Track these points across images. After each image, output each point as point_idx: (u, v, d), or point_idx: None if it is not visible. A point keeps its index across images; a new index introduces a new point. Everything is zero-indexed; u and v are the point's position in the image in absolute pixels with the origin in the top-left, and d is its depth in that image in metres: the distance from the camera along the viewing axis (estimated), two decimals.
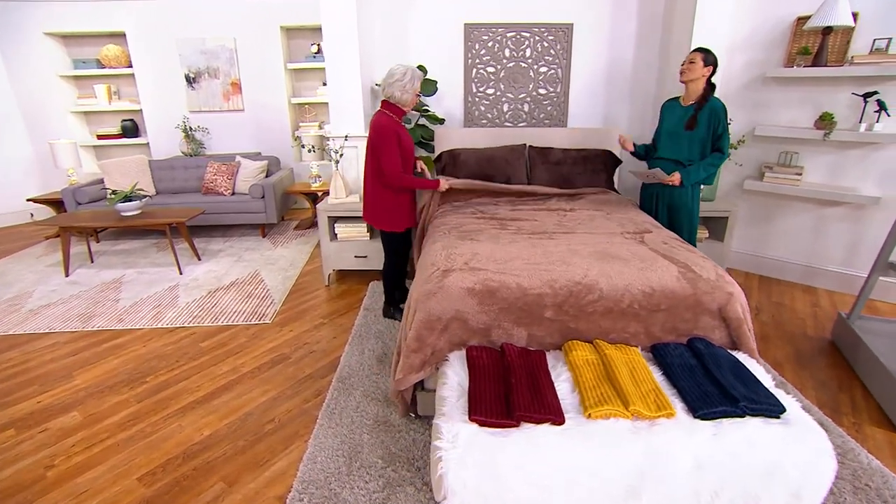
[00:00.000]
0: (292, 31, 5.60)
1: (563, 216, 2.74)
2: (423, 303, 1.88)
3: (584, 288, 1.86)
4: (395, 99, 2.57)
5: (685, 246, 2.26)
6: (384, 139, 2.51)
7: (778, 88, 3.44)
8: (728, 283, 1.91)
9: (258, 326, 3.15)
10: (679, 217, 2.92)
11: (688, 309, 1.87)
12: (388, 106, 2.61)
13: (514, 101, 4.12)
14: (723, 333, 1.91)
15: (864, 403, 2.35)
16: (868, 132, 3.10)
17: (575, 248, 2.18)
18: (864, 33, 3.09)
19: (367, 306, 3.35)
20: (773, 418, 1.51)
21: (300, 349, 2.88)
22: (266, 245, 4.76)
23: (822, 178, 3.44)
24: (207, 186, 4.97)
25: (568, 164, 3.51)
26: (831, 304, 3.36)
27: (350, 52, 3.58)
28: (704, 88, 2.80)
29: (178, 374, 2.61)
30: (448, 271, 1.96)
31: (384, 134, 2.51)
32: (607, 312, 1.87)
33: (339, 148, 3.68)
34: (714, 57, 2.74)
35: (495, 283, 1.88)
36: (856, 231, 3.41)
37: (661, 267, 1.97)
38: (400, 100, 2.57)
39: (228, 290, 3.69)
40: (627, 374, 1.66)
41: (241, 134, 5.74)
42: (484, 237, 2.37)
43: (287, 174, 5.35)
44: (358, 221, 3.65)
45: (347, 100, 3.68)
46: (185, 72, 5.45)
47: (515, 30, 3.92)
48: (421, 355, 1.88)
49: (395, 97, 2.57)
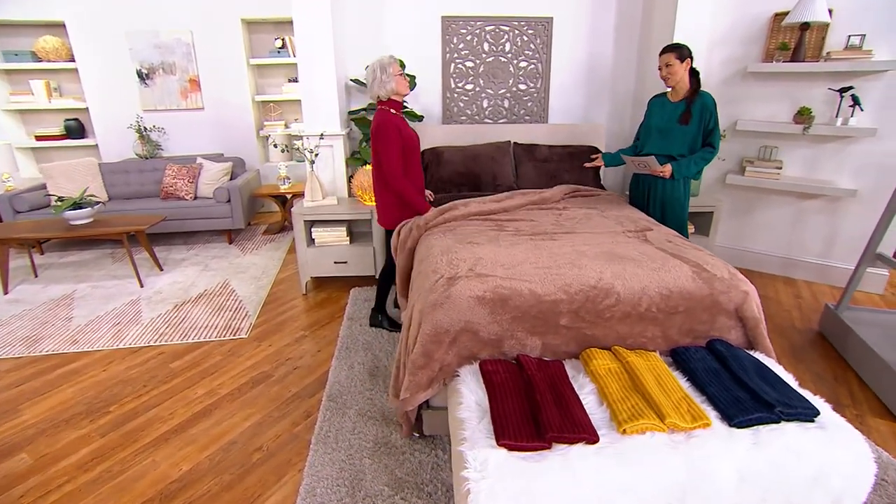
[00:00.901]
0: (254, 24, 5.29)
1: (559, 215, 2.64)
2: (429, 314, 1.72)
3: (600, 292, 1.76)
4: (384, 95, 2.50)
5: (689, 244, 2.21)
6: (383, 134, 2.42)
7: (756, 83, 3.48)
8: (742, 281, 1.86)
9: (234, 342, 2.90)
10: (672, 212, 2.89)
11: (705, 310, 1.80)
12: (384, 103, 2.53)
13: (493, 96, 4.01)
14: (739, 333, 1.85)
15: (862, 395, 2.37)
16: (844, 126, 3.17)
17: (580, 248, 2.08)
18: (838, 29, 3.15)
19: (350, 315, 3.15)
20: (808, 422, 1.45)
21: (283, 365, 2.66)
22: (234, 252, 4.46)
23: (800, 172, 3.51)
24: (167, 191, 4.62)
25: (554, 161, 3.43)
26: (812, 295, 3.43)
27: (323, 46, 3.36)
28: (690, 81, 2.77)
29: (147, 400, 2.35)
30: (453, 279, 1.82)
31: (383, 129, 2.42)
32: (625, 317, 1.77)
33: (314, 147, 3.46)
34: (686, 49, 2.70)
35: (507, 290, 1.75)
36: (832, 223, 3.49)
37: (673, 267, 1.89)
38: (388, 93, 2.49)
39: (197, 303, 3.40)
40: (654, 382, 1.57)
41: (202, 134, 5.38)
42: (483, 239, 2.24)
43: (253, 176, 5.05)
44: (336, 225, 3.44)
45: (321, 96, 3.46)
46: (136, 67, 5.05)
47: (494, 23, 3.80)
48: (429, 372, 1.72)
49: (381, 95, 2.50)
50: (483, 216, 2.63)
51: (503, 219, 2.59)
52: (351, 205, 3.47)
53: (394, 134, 2.41)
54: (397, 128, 2.44)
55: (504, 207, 2.72)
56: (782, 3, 3.25)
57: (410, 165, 2.60)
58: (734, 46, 3.49)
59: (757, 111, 3.54)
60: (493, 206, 2.69)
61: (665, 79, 2.75)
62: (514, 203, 2.77)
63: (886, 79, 3.09)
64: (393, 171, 2.45)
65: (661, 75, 2.76)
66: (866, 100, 3.14)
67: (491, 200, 2.80)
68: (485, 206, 2.70)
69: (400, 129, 2.46)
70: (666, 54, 2.71)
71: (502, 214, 2.68)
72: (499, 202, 2.78)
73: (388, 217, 2.72)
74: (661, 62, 2.73)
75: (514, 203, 2.77)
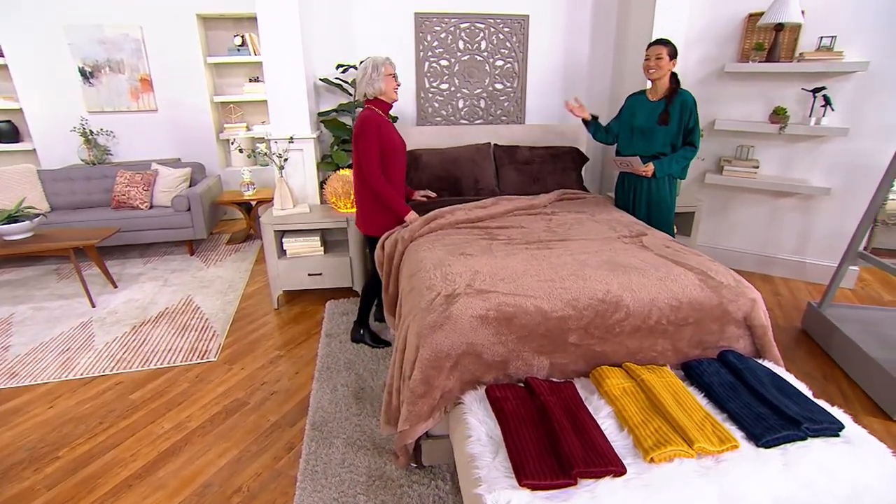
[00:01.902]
0: (211, 20, 4.96)
1: (549, 220, 2.54)
2: (427, 337, 1.57)
3: (609, 306, 1.65)
4: (370, 94, 2.41)
5: (687, 248, 2.15)
6: (363, 131, 2.34)
7: (733, 83, 3.50)
8: (748, 288, 1.80)
9: (202, 366, 2.66)
10: (659, 212, 2.85)
11: (714, 320, 1.73)
12: (370, 102, 2.45)
13: (469, 96, 3.88)
14: (747, 342, 1.80)
15: (852, 393, 2.39)
16: (818, 126, 3.22)
17: (580, 257, 1.98)
18: (810, 30, 3.19)
19: (328, 332, 2.95)
20: (834, 437, 1.40)
21: (258, 391, 2.45)
22: (196, 264, 4.15)
23: (775, 171, 3.55)
24: (118, 199, 4.25)
25: (536, 163, 3.33)
26: (790, 292, 3.48)
27: (291, 44, 3.14)
28: (671, 81, 2.74)
29: (105, 440, 2.09)
30: (452, 296, 1.67)
31: (363, 126, 2.34)
32: (635, 331, 1.68)
33: (283, 152, 3.23)
34: (675, 48, 2.68)
35: (511, 307, 1.62)
36: (805, 220, 3.55)
37: (679, 275, 1.81)
38: (375, 92, 2.40)
39: (158, 323, 3.11)
40: (673, 401, 1.48)
41: (156, 138, 5.01)
42: (475, 250, 2.10)
43: (214, 182, 4.73)
44: (309, 235, 3.23)
45: (289, 97, 3.24)
46: (78, 64, 4.63)
47: (469, 20, 3.67)
48: (429, 400, 1.57)
49: (368, 93, 2.41)
50: (471, 223, 2.49)
51: (492, 226, 2.46)
52: (324, 212, 3.26)
53: (373, 130, 2.33)
54: (377, 125, 2.35)
55: (491, 214, 2.59)
56: (756, 3, 3.27)
57: (392, 170, 2.47)
58: (710, 46, 3.50)
59: (733, 110, 3.56)
60: (480, 213, 2.57)
61: (651, 70, 2.68)
62: (500, 210, 2.66)
63: (855, 79, 3.16)
64: (371, 169, 2.37)
65: (648, 65, 2.68)
66: (837, 100, 3.20)
67: (477, 207, 2.68)
68: (472, 213, 2.57)
69: (381, 127, 2.37)
70: (658, 46, 2.65)
71: (490, 221, 2.55)
72: (485, 208, 2.66)
73: (368, 220, 2.57)
74: (651, 53, 2.66)
75: (500, 210, 2.66)
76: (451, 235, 2.30)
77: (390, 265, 2.35)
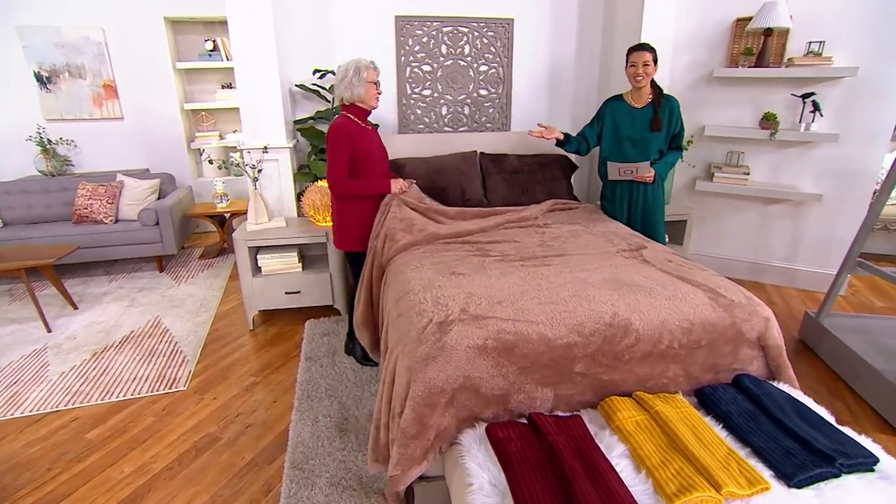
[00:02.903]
0: (181, 24, 4.72)
1: (542, 234, 2.40)
2: (419, 371, 1.41)
3: (618, 330, 1.52)
4: (348, 99, 2.27)
5: (689, 261, 2.04)
6: (331, 140, 2.20)
7: (721, 88, 3.44)
8: (760, 305, 1.69)
9: (170, 397, 2.43)
10: (654, 218, 2.81)
11: (728, 342, 1.61)
12: (347, 108, 2.30)
13: (453, 103, 3.74)
14: (760, 364, 1.68)
15: (859, 409, 2.30)
16: (808, 132, 3.17)
17: (580, 275, 1.84)
18: (798, 35, 3.15)
19: (308, 354, 2.76)
20: (869, 472, 1.28)
21: (232, 424, 2.24)
22: (166, 282, 3.90)
23: (766, 177, 3.50)
24: (80, 213, 3.97)
25: (525, 172, 3.20)
26: (783, 300, 3.42)
27: (265, 49, 2.96)
28: (652, 86, 2.69)
29: (54, 490, 1.85)
30: (446, 324, 1.51)
31: (332, 135, 2.20)
32: (645, 357, 1.54)
33: (257, 163, 3.03)
34: (657, 53, 2.61)
35: (511, 335, 1.46)
36: (796, 227, 3.50)
37: (687, 294, 1.69)
38: (353, 97, 2.26)
39: (122, 349, 2.87)
40: (692, 436, 1.34)
41: (122, 147, 4.73)
42: (468, 268, 1.94)
43: (185, 194, 4.48)
44: (286, 250, 3.03)
45: (263, 105, 3.05)
46: (34, 69, 4.34)
47: (452, 24, 3.54)
48: (423, 441, 1.41)
49: (346, 97, 2.27)
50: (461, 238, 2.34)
51: (483, 241, 2.31)
52: (302, 226, 3.07)
53: (343, 140, 2.18)
54: (349, 134, 2.21)
55: (482, 227, 2.45)
56: (744, 8, 3.22)
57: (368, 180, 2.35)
58: (698, 50, 3.43)
59: (722, 116, 3.50)
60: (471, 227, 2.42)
61: (639, 77, 2.60)
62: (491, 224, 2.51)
63: (844, 85, 3.13)
64: (334, 177, 2.22)
65: (636, 72, 2.59)
66: (826, 105, 3.16)
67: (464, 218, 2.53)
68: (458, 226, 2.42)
69: (353, 137, 2.22)
70: (644, 52, 2.56)
71: (480, 235, 2.40)
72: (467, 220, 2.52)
73: (343, 235, 2.42)
74: (638, 60, 2.57)
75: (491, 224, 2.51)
76: (441, 252, 2.14)
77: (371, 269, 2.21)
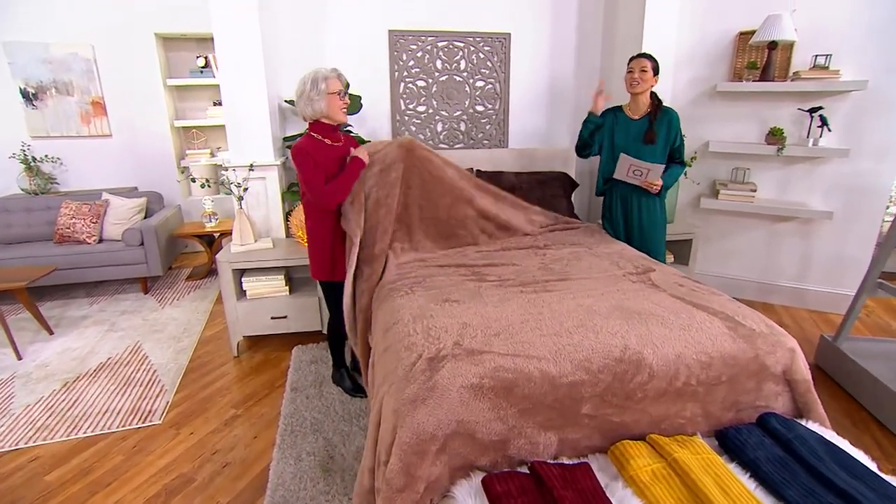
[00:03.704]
0: (172, 40, 4.64)
1: (543, 255, 2.26)
2: (407, 416, 1.25)
3: (629, 366, 1.36)
4: (310, 115, 2.08)
5: (702, 286, 1.89)
6: (296, 165, 2.04)
7: (724, 103, 3.33)
8: (783, 335, 1.54)
9: (142, 432, 2.26)
10: (654, 238, 2.69)
11: (751, 377, 1.45)
12: (313, 126, 2.12)
13: (449, 119, 3.64)
14: (786, 400, 1.52)
15: (888, 443, 2.13)
16: (816, 147, 3.06)
17: (585, 302, 1.69)
18: (803, 49, 3.06)
19: (293, 384, 2.58)
20: None
21: (208, 463, 2.06)
22: (150, 304, 3.73)
23: (773, 194, 3.38)
24: (62, 233, 3.83)
25: (523, 189, 3.07)
26: (795, 322, 3.26)
27: (252, 64, 2.87)
28: (651, 98, 2.60)
29: None
30: (437, 360, 1.35)
31: (295, 159, 2.04)
32: (660, 396, 1.38)
33: (243, 181, 2.90)
34: (658, 64, 2.55)
35: (510, 373, 1.31)
36: (806, 245, 3.37)
37: (703, 323, 1.54)
38: (315, 113, 2.06)
39: (96, 378, 2.70)
40: (717, 489, 1.18)
41: (110, 165, 4.61)
42: (462, 295, 1.79)
43: (173, 213, 4.34)
44: (272, 273, 2.88)
45: (250, 121, 2.93)
46: (20, 85, 4.24)
47: (447, 38, 3.45)
48: (411, 494, 1.24)
49: (308, 114, 2.08)
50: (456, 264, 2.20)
51: (479, 263, 2.16)
52: (290, 247, 2.93)
53: (307, 162, 2.00)
54: (307, 153, 2.01)
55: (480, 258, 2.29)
56: (747, 21, 3.13)
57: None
58: (700, 65, 3.34)
59: (725, 132, 3.39)
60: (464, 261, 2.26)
61: (634, 83, 2.52)
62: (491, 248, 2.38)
63: (852, 99, 3.02)
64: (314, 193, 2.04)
65: (632, 77, 2.52)
66: (834, 120, 3.05)
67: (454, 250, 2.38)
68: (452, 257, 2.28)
69: (318, 162, 2.02)
70: (642, 59, 2.51)
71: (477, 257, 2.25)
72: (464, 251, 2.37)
73: (318, 263, 2.25)
74: (636, 66, 2.51)
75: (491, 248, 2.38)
76: (435, 277, 1.99)
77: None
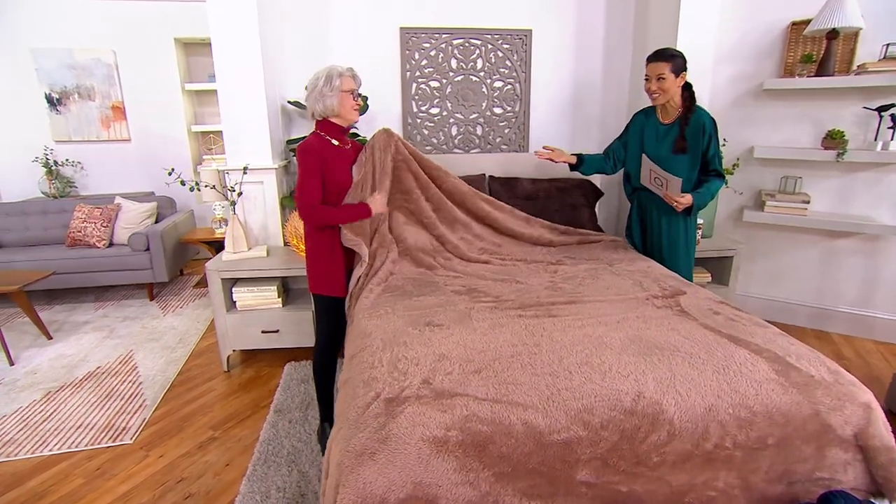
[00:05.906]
0: (192, 45, 4.63)
1: (554, 273, 1.96)
2: (351, 472, 0.98)
3: (643, 421, 1.05)
4: (320, 112, 1.91)
5: (741, 314, 1.54)
6: (300, 163, 1.84)
7: (773, 103, 2.95)
8: (854, 385, 1.19)
9: (110, 452, 2.09)
10: (674, 260, 2.27)
11: (809, 440, 1.12)
12: (320, 125, 1.95)
13: (464, 122, 3.39)
14: (857, 471, 1.17)
15: None
16: (886, 152, 2.63)
17: (595, 332, 1.39)
18: (870, 38, 2.65)
19: (279, 406, 2.37)
20: None
21: (170, 493, 1.86)
22: (153, 311, 3.64)
23: (830, 206, 2.94)
24: (74, 236, 3.80)
25: (541, 198, 2.78)
26: (857, 355, 2.80)
27: (249, 65, 2.74)
28: (683, 97, 2.19)
29: None
30: (397, 402, 1.09)
31: (300, 157, 1.84)
32: (683, 461, 1.07)
33: (236, 185, 2.74)
34: (682, 59, 2.12)
35: (485, 424, 1.03)
36: (870, 265, 2.91)
37: (743, 365, 1.21)
38: (325, 111, 1.89)
39: (80, 388, 2.57)
40: None
41: (127, 169, 4.62)
42: (449, 318, 1.52)
43: (185, 218, 4.27)
44: (265, 283, 2.69)
45: (246, 123, 2.79)
46: (45, 91, 4.29)
47: (463, 36, 3.22)
48: None
49: (317, 111, 1.90)
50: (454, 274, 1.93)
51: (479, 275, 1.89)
52: (285, 256, 2.73)
53: (312, 163, 1.82)
54: (319, 153, 1.84)
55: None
56: (801, 10, 2.76)
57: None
58: (744, 61, 2.97)
59: (774, 135, 2.99)
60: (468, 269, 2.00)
61: (653, 93, 2.16)
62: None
63: None
64: (302, 203, 1.83)
65: (650, 89, 2.15)
66: None
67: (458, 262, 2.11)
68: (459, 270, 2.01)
69: (324, 159, 1.85)
70: (657, 63, 2.11)
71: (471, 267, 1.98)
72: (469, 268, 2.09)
73: (314, 274, 1.97)
74: (651, 73, 2.13)
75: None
76: (419, 289, 1.73)
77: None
